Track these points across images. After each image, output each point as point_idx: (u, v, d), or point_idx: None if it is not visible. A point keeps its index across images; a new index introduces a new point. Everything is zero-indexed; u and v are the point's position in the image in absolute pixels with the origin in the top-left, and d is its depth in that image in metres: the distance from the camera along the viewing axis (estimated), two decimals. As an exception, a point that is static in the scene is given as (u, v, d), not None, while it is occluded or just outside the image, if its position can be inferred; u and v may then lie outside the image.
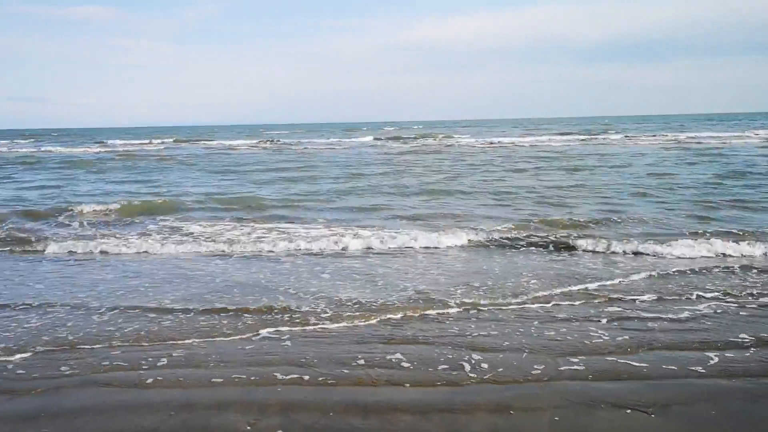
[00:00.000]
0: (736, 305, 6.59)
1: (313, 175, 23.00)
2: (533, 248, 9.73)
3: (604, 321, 6.17)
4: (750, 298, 6.87)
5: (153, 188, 19.60)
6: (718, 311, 6.40)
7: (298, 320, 6.30)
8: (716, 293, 7.03)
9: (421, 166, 26.50)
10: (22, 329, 6.07)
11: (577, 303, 6.78)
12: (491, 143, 45.24)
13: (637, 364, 5.05)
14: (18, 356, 5.36)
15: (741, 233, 10.19)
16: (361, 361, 5.21)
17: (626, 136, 50.50)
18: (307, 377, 4.90)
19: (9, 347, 5.57)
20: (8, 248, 10.19)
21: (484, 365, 5.12)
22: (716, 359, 5.13)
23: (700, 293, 7.04)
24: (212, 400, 4.47)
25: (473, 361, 5.19)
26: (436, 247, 9.86)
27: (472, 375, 4.94)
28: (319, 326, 6.13)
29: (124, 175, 24.55)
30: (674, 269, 8.17)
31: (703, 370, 4.92)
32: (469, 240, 10.12)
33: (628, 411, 4.25)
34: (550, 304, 6.73)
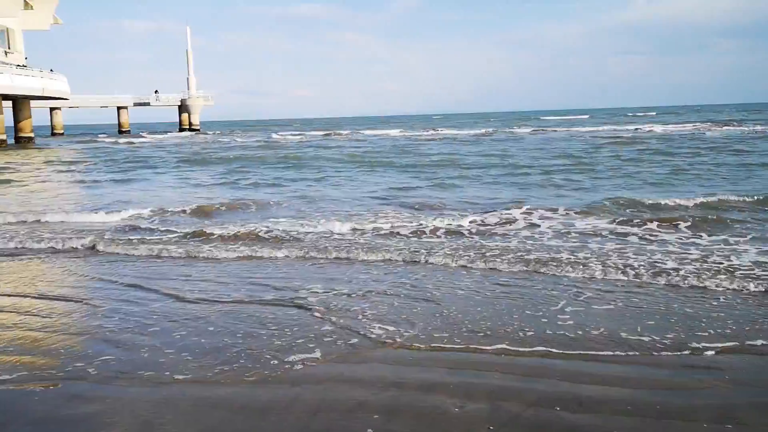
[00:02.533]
0: None
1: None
2: None
3: None
4: None
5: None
6: None
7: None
8: None
9: None
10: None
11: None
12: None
13: None
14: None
15: None
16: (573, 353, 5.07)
17: None
18: (513, 364, 4.87)
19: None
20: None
21: (715, 367, 4.73)
22: None
23: None
24: (420, 380, 4.60)
25: (702, 363, 4.82)
26: None
27: (695, 377, 4.58)
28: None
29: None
30: None
31: None
32: None
33: None
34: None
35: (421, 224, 10.54)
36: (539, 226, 10.37)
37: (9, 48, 54.79)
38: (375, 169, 23.76)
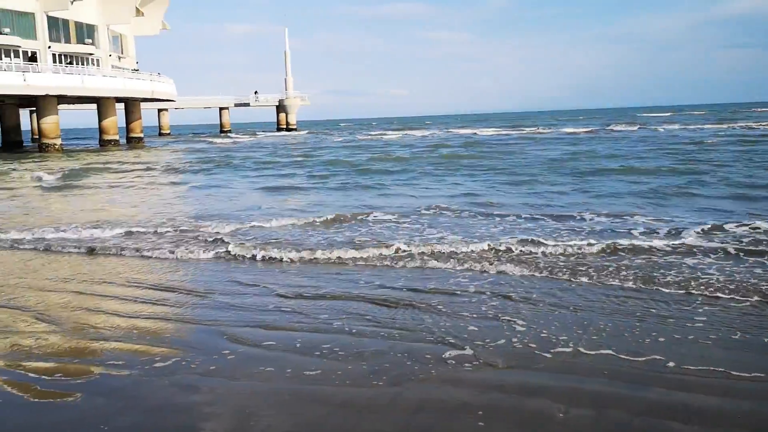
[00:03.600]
0: None
1: None
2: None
3: None
4: None
5: None
6: None
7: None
8: None
9: None
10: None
11: None
12: None
13: None
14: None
15: None
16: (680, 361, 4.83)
17: None
18: (618, 371, 4.70)
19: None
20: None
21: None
22: None
23: None
24: (522, 384, 4.52)
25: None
26: None
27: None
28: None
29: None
30: None
31: None
32: None
33: None
34: None
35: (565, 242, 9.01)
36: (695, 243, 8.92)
37: (122, 53, 58.30)
38: (476, 173, 21.87)
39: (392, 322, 6.04)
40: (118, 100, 52.61)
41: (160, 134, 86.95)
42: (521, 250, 8.77)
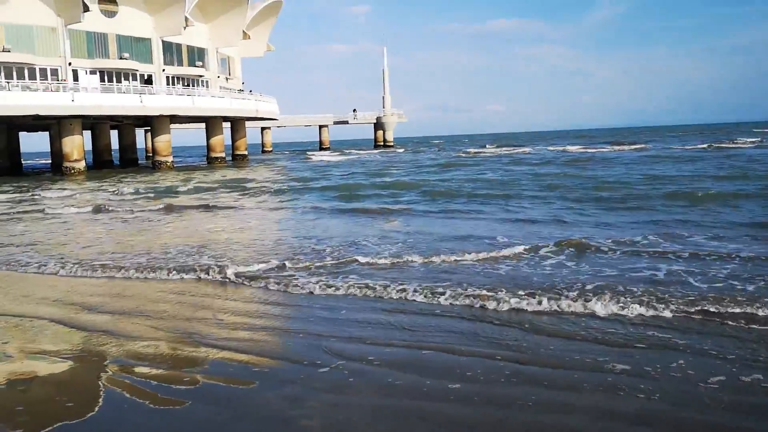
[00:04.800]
0: None
1: None
2: None
3: None
4: None
5: None
6: None
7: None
8: None
9: None
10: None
11: None
12: None
13: None
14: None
15: None
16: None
17: None
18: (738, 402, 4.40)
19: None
20: None
21: None
22: None
23: None
24: (635, 411, 4.31)
25: None
26: None
27: None
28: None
29: None
30: None
31: None
32: None
33: None
34: None
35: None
36: None
37: (229, 74, 61.07)
38: (585, 198, 18.13)
39: (498, 342, 5.92)
40: (225, 119, 55.02)
41: (263, 151, 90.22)
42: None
